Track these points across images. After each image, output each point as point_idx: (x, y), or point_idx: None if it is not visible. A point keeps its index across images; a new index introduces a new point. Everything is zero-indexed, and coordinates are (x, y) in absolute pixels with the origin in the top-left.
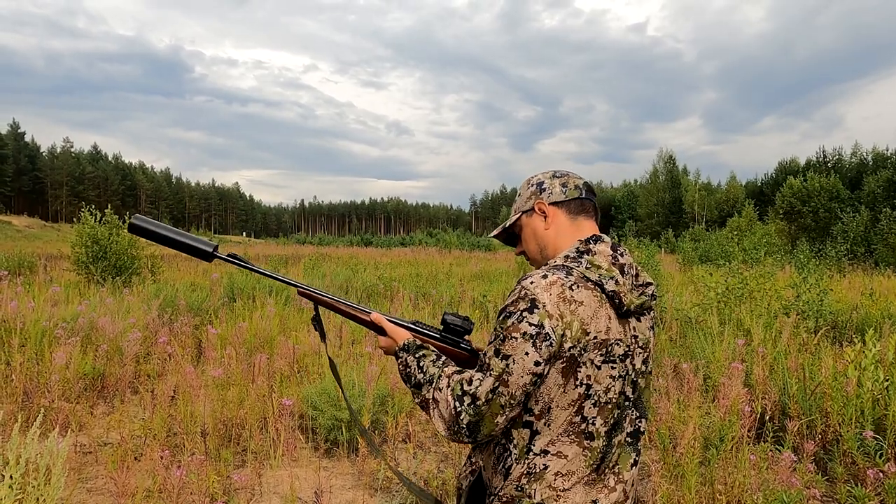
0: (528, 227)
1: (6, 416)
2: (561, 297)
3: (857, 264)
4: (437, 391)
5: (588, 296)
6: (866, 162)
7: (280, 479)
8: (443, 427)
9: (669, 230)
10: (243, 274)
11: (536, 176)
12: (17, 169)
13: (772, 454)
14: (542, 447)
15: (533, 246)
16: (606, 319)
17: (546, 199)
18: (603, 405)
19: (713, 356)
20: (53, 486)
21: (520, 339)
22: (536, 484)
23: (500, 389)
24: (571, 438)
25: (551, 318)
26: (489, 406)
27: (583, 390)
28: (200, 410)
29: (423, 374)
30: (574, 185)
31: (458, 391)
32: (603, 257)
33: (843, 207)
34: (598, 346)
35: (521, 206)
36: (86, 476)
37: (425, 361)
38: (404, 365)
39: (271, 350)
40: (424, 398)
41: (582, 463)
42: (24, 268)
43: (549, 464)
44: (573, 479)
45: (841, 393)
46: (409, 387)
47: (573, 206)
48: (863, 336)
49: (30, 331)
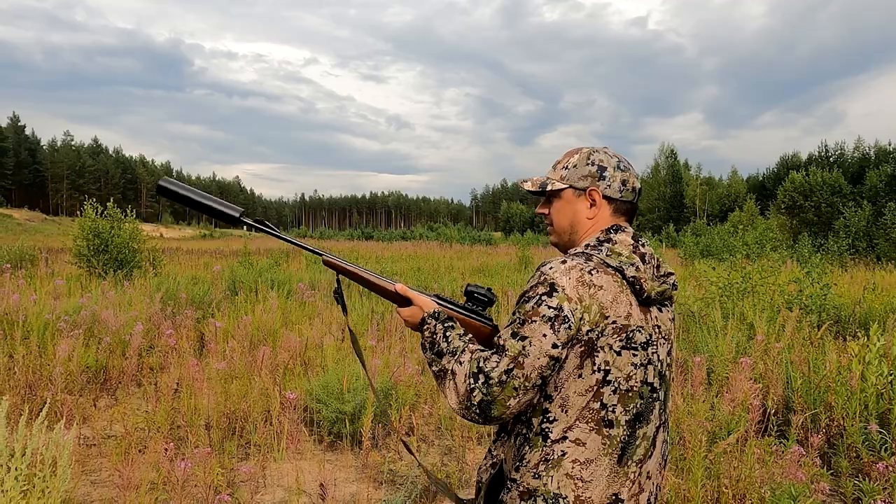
0: (570, 204)
1: (10, 408)
2: (580, 280)
3: (859, 259)
4: (458, 364)
5: (608, 280)
6: (868, 157)
7: (284, 472)
8: (455, 401)
9: (671, 224)
10: (245, 267)
11: (598, 153)
12: (17, 162)
13: (776, 448)
14: (559, 434)
15: (565, 222)
16: (627, 305)
17: (602, 191)
18: (623, 393)
19: (717, 350)
20: (59, 478)
21: (538, 321)
22: (553, 471)
23: (514, 371)
24: (590, 426)
25: (570, 302)
26: (502, 388)
27: (601, 376)
28: (204, 403)
29: (447, 344)
30: (632, 188)
31: (475, 368)
32: (624, 246)
33: (845, 202)
34: (618, 332)
35: (572, 179)
36: (90, 468)
37: (452, 333)
38: (431, 332)
39: (274, 343)
40: (444, 368)
41: (601, 452)
42: (26, 261)
43: (568, 450)
44: (592, 469)
45: (845, 387)
46: (430, 354)
47: (622, 206)
48: (866, 330)
49: (32, 324)
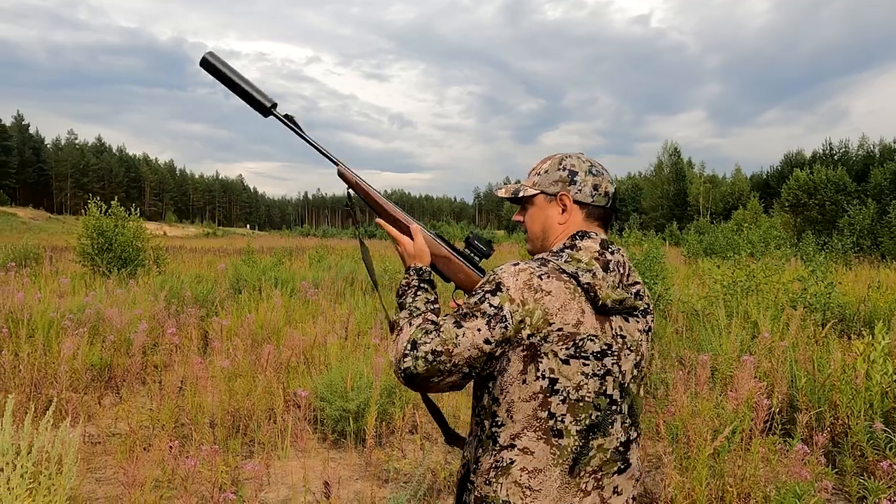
0: (542, 210)
1: (16, 406)
2: (527, 284)
3: (864, 257)
4: (408, 325)
5: (558, 287)
6: (873, 154)
7: (288, 470)
8: (392, 357)
9: (674, 223)
10: (248, 265)
11: (571, 158)
12: (21, 161)
13: (781, 447)
14: (507, 440)
15: (538, 228)
16: (578, 313)
17: (572, 196)
18: (573, 403)
19: (720, 348)
20: (65, 476)
21: (478, 316)
22: (503, 478)
23: (442, 357)
24: (538, 434)
25: (512, 303)
26: (427, 366)
27: (546, 384)
28: (208, 401)
29: (412, 301)
30: (604, 192)
31: (414, 337)
32: (587, 252)
33: (850, 200)
34: (564, 339)
35: (543, 185)
36: (95, 466)
37: (422, 295)
38: (406, 283)
39: (278, 341)
40: (397, 321)
41: (551, 462)
42: (30, 259)
43: (516, 459)
44: (541, 479)
45: (850, 385)
46: (397, 302)
47: (594, 211)
48: (871, 329)
49: (37, 322)
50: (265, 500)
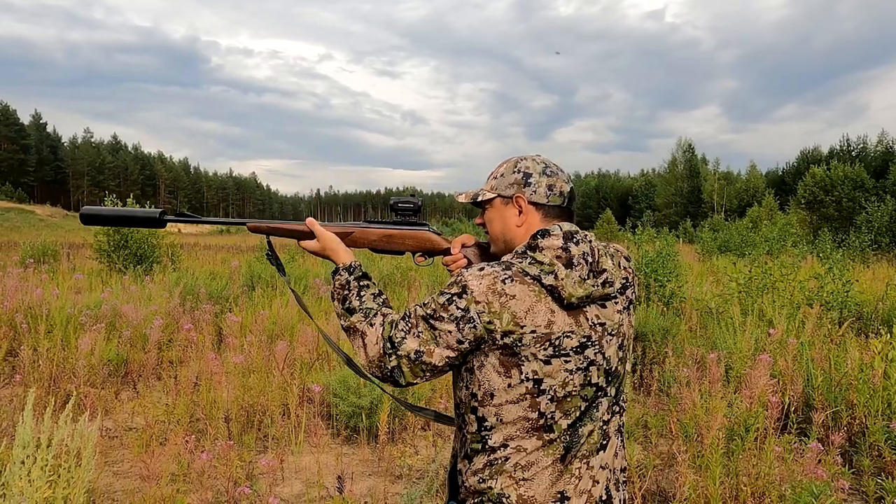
0: (500, 212)
1: (36, 400)
2: (490, 288)
3: (882, 255)
4: (369, 326)
5: (523, 290)
6: (892, 150)
7: (302, 465)
8: (365, 360)
9: (688, 220)
10: (262, 262)
11: (526, 161)
12: (39, 159)
13: (796, 446)
14: (500, 441)
15: (498, 230)
16: (547, 314)
17: (527, 197)
18: (561, 399)
19: (735, 347)
20: (84, 469)
21: (447, 318)
22: (498, 475)
23: (423, 357)
24: (529, 433)
25: (478, 304)
26: (412, 365)
27: (531, 385)
28: (223, 397)
29: (360, 302)
30: (560, 192)
31: (387, 334)
32: (549, 251)
33: (868, 197)
34: (540, 341)
35: (500, 188)
36: (112, 459)
37: (366, 293)
38: (341, 286)
39: (291, 338)
40: (353, 326)
41: (542, 453)
42: (48, 256)
43: (510, 456)
44: (534, 469)
45: (867, 385)
46: (340, 308)
47: (552, 211)
48: (889, 328)
49: (55, 318)
50: (279, 494)
